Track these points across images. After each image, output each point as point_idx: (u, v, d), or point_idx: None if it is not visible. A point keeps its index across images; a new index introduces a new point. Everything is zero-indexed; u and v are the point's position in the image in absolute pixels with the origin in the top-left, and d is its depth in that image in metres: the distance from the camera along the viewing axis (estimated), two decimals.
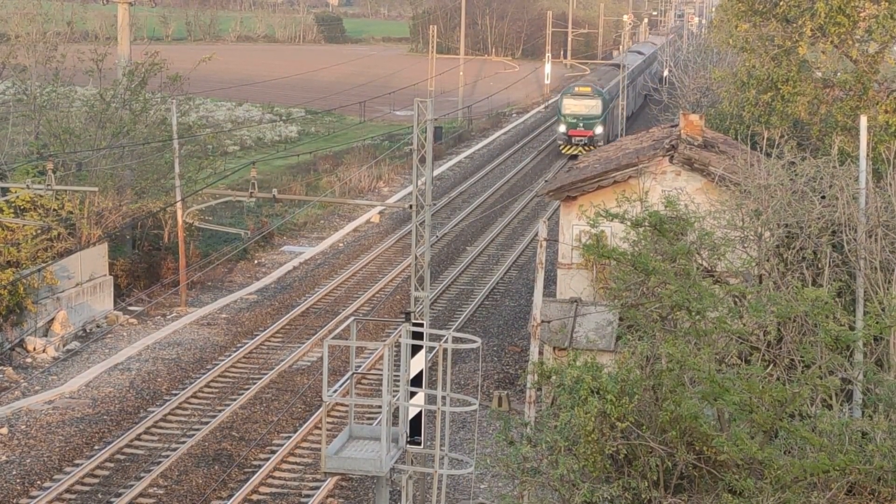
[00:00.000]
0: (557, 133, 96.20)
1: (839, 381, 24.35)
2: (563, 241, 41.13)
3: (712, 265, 30.72)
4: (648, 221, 30.11)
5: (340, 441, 24.19)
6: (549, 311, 37.93)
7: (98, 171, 55.00)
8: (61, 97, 61.42)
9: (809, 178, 32.83)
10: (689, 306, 25.82)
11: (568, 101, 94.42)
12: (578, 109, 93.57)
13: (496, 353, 45.98)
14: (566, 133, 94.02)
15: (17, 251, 46.90)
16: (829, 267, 30.58)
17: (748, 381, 22.81)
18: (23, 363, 44.12)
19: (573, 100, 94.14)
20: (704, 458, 22.75)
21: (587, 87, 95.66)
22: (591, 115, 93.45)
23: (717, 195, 36.56)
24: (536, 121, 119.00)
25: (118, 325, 48.92)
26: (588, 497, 22.37)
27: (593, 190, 40.48)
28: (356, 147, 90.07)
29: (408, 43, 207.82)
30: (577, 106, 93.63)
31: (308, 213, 69.83)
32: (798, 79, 47.01)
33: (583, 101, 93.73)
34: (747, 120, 48.85)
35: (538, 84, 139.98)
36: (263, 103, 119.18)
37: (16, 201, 48.02)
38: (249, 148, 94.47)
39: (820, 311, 24.94)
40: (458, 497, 33.44)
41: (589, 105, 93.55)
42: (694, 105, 73.57)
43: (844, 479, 22.12)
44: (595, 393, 22.63)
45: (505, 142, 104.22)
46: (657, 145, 43.24)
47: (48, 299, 46.46)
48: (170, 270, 54.11)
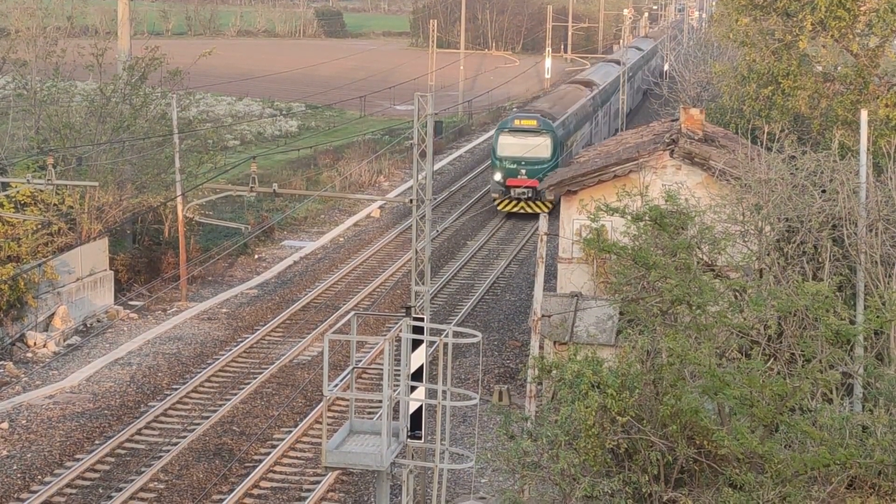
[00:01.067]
0: (492, 182, 70.64)
1: (840, 375, 24.37)
2: (564, 235, 41.12)
3: (713, 259, 30.72)
4: (649, 216, 30.10)
5: (341, 435, 24.20)
6: (550, 306, 37.93)
7: (98, 165, 54.98)
8: (61, 92, 61.37)
9: (810, 173, 32.82)
10: (689, 301, 25.82)
11: (505, 140, 69.97)
12: (519, 150, 68.99)
13: (496, 348, 45.97)
14: (502, 182, 69.23)
15: (17, 246, 46.91)
16: (829, 261, 30.57)
17: (749, 375, 22.81)
18: (23, 358, 44.12)
19: (512, 137, 69.80)
20: (705, 453, 22.76)
21: (531, 120, 70.60)
22: (536, 159, 68.69)
23: (717, 189, 36.55)
24: None
25: (118, 320, 48.91)
26: (589, 491, 22.39)
27: (594, 184, 40.49)
28: (356, 142, 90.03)
29: (408, 37, 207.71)
30: (518, 146, 69.22)
31: (308, 207, 69.82)
32: (798, 73, 46.99)
33: (526, 140, 69.14)
34: (748, 114, 48.83)
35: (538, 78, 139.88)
36: (264, 98, 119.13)
37: (16, 196, 48.02)
38: (250, 143, 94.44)
39: (820, 305, 24.94)
40: (459, 491, 33.44)
41: (534, 144, 68.79)
42: (694, 99, 73.58)
43: (845, 474, 22.13)
44: (595, 387, 22.65)
45: None
46: (657, 140, 43.23)
47: (48, 294, 46.46)
48: (170, 265, 54.11)
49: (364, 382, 42.45)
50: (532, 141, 68.79)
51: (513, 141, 69.22)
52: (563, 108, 76.38)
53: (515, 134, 69.58)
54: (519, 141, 68.97)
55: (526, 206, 68.93)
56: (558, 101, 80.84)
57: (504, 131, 70.17)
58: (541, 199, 67.93)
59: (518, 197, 68.89)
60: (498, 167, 69.07)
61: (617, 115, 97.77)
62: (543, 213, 38.92)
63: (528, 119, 70.73)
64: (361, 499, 33.37)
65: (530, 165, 68.29)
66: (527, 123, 70.09)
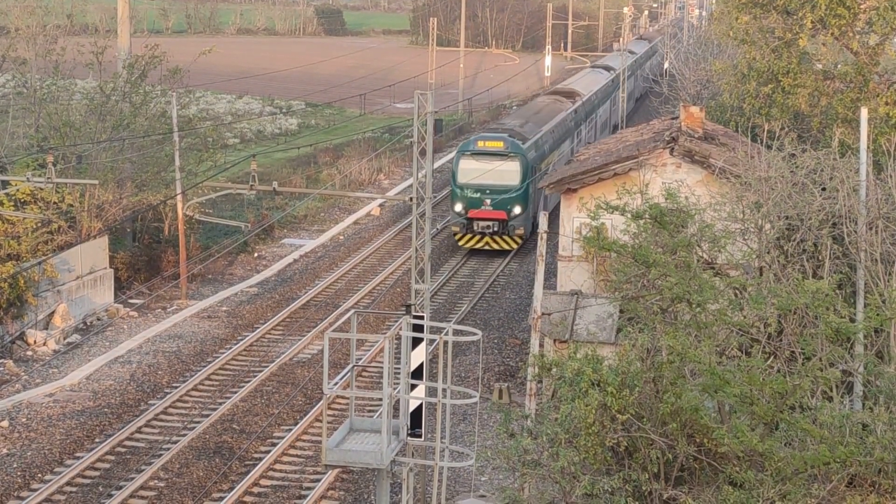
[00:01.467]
0: (451, 213, 60.44)
1: (840, 373, 24.38)
2: (564, 233, 41.12)
3: (713, 257, 30.72)
4: (649, 214, 30.11)
5: (341, 434, 24.20)
6: (550, 304, 37.93)
7: (98, 163, 54.98)
8: (61, 90, 61.36)
9: (810, 171, 32.83)
10: (689, 298, 25.82)
11: (467, 164, 59.28)
12: (482, 177, 58.61)
13: (497, 346, 45.97)
14: (464, 214, 58.77)
15: (17, 244, 46.90)
16: (829, 259, 30.58)
17: (749, 373, 22.81)
18: (23, 356, 44.12)
19: (475, 161, 59.10)
20: (705, 451, 22.76)
21: (497, 142, 59.73)
22: (503, 187, 58.48)
23: (717, 187, 36.55)
24: None
25: (119, 318, 48.91)
26: (589, 489, 22.39)
27: (594, 182, 40.49)
28: (356, 140, 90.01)
29: (408, 35, 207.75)
30: (482, 171, 58.69)
31: (308, 205, 69.82)
32: (798, 71, 46.99)
33: (491, 165, 58.60)
34: (748, 112, 48.83)
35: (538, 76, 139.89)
36: (263, 96, 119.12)
37: (16, 194, 48.02)
38: (249, 141, 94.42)
39: (820, 303, 24.94)
40: (459, 489, 33.44)
41: (500, 170, 58.88)
42: (694, 97, 73.60)
43: (845, 471, 22.13)
44: (596, 385, 22.65)
45: None
46: (658, 137, 43.23)
47: (48, 292, 46.45)
48: (170, 263, 54.10)
49: (364, 381, 42.45)
50: (498, 166, 58.43)
51: (476, 166, 58.52)
52: (538, 126, 66.53)
53: (479, 157, 58.65)
54: (483, 166, 58.20)
55: (492, 242, 58.77)
56: (532, 116, 70.57)
57: (465, 154, 59.14)
58: (509, 233, 58.74)
59: (482, 231, 58.27)
60: (458, 196, 58.71)
61: (605, 128, 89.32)
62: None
63: (494, 140, 59.79)
64: (361, 497, 33.37)
65: (496, 194, 57.99)
66: (492, 145, 59.27)
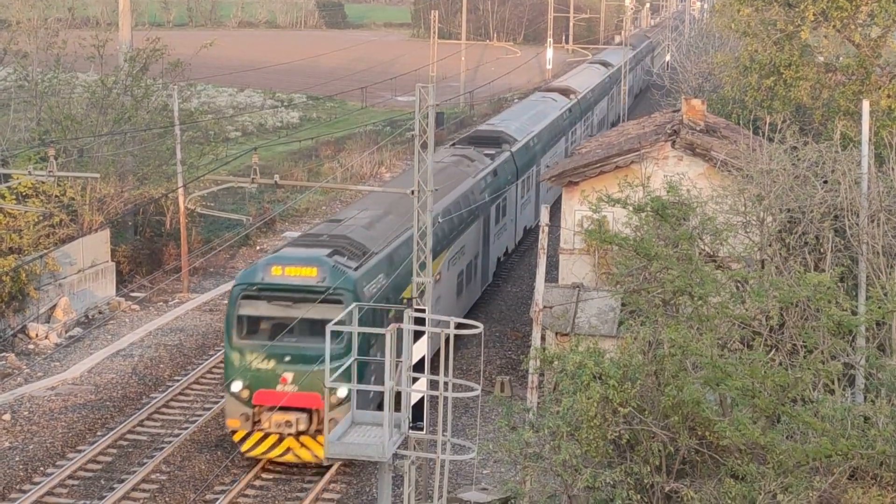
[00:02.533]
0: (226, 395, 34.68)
1: (841, 366, 24.38)
2: (565, 226, 41.12)
3: (714, 250, 30.71)
4: (650, 207, 30.09)
5: (343, 427, 24.21)
6: (552, 297, 37.93)
7: (100, 157, 54.99)
8: (63, 83, 61.38)
9: (812, 163, 32.81)
10: (691, 291, 25.82)
11: (252, 309, 34.73)
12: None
13: (498, 339, 45.97)
14: (246, 399, 34.08)
15: (19, 238, 46.91)
16: (831, 252, 30.57)
17: (750, 366, 22.82)
18: (25, 350, 44.13)
19: (266, 306, 34.65)
20: (707, 444, 22.77)
21: (309, 268, 34.31)
22: (313, 353, 33.03)
23: (719, 180, 36.53)
24: None
25: (120, 312, 48.92)
26: (590, 482, 22.40)
27: (595, 175, 40.44)
28: (358, 133, 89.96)
29: (409, 28, 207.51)
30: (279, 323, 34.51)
31: (310, 199, 69.79)
32: (800, 63, 46.97)
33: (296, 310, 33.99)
34: (749, 105, 48.81)
35: (540, 69, 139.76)
36: (265, 89, 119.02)
37: (18, 188, 48.02)
38: (251, 134, 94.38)
39: (822, 296, 24.93)
40: (461, 482, 33.45)
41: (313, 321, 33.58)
42: (696, 90, 73.48)
43: (847, 464, 22.14)
44: (597, 378, 22.65)
45: None
46: (659, 130, 43.21)
47: (50, 286, 46.46)
48: (172, 257, 54.11)
49: None
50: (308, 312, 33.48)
51: (268, 312, 34.29)
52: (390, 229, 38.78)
53: (274, 299, 34.06)
54: (281, 312, 34.03)
55: (297, 448, 33.80)
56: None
57: (249, 292, 34.32)
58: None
59: (278, 431, 33.59)
60: (234, 367, 34.17)
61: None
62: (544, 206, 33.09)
63: (302, 265, 34.12)
64: (363, 490, 33.38)
65: (304, 364, 33.53)
66: (297, 274, 33.91)
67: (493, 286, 53.59)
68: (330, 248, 35.06)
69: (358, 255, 35.47)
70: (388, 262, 36.56)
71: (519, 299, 51.49)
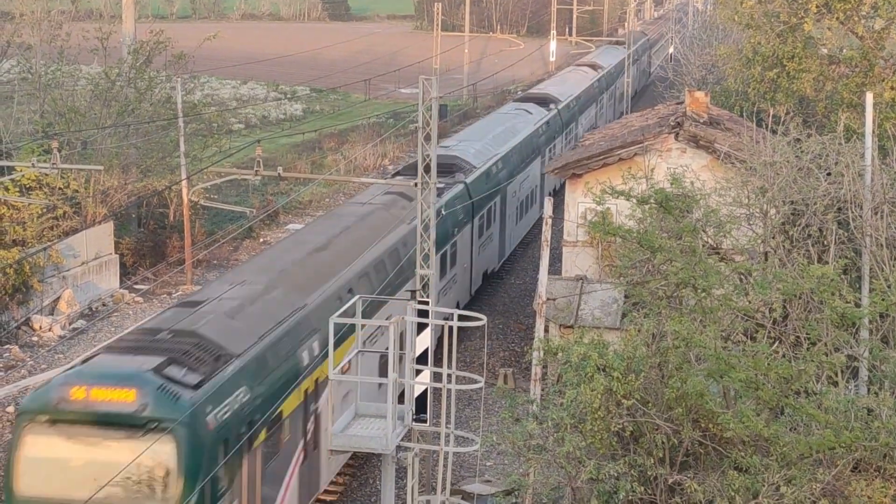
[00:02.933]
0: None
1: (845, 358, 24.36)
2: (569, 218, 41.12)
3: (718, 242, 30.70)
4: (654, 199, 30.08)
5: (346, 419, 24.23)
6: (555, 289, 37.94)
7: (103, 149, 55.02)
8: (66, 76, 61.37)
9: (815, 155, 32.79)
10: (694, 283, 25.82)
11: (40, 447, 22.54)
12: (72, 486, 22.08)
13: (502, 331, 45.99)
14: None
15: (22, 230, 46.96)
16: (834, 244, 30.55)
17: (754, 358, 22.81)
18: (29, 342, 44.18)
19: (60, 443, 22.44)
20: (710, 436, 22.78)
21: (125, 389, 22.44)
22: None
23: (722, 172, 36.51)
24: None
25: (124, 304, 48.96)
26: (594, 474, 22.41)
27: (598, 167, 40.43)
28: (361, 125, 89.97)
29: (412, 20, 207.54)
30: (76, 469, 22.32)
31: (313, 191, 69.81)
32: (804, 55, 46.93)
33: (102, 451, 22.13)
34: (753, 97, 48.77)
35: (543, 61, 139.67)
36: (268, 81, 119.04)
37: (21, 180, 48.05)
38: (254, 126, 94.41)
39: (826, 288, 24.93)
40: (464, 474, 33.49)
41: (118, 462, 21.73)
42: (699, 82, 73.43)
43: (850, 456, 22.14)
44: (601, 370, 22.66)
45: None
46: (663, 122, 43.19)
47: (54, 278, 46.51)
48: (175, 249, 54.13)
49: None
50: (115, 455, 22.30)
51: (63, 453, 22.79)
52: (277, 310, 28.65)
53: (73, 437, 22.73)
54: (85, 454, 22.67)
55: None
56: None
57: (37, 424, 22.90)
58: None
59: None
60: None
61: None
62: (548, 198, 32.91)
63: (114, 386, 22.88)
64: (367, 482, 33.41)
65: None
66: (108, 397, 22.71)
67: (498, 277, 53.44)
68: (162, 356, 23.85)
69: (205, 364, 24.40)
70: (257, 366, 25.75)
71: (522, 291, 51.50)
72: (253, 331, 26.53)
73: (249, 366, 25.32)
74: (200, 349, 24.73)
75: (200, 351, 24.67)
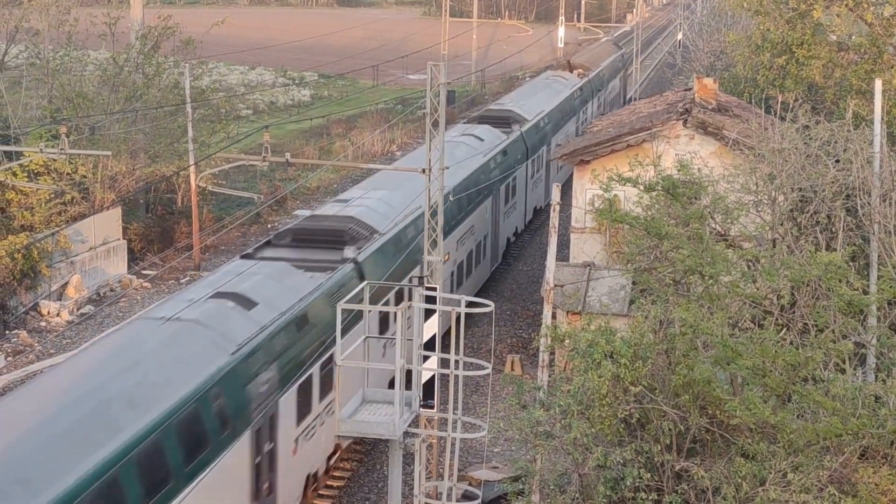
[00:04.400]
0: None
1: (852, 345, 24.33)
2: (576, 205, 41.09)
3: (726, 229, 30.67)
4: (662, 185, 30.05)
5: (354, 404, 24.25)
6: (563, 276, 37.93)
7: (111, 135, 55.03)
8: (74, 61, 61.39)
9: (824, 142, 32.73)
10: (702, 270, 25.79)
11: None
12: None
13: (509, 318, 45.99)
14: None
15: (30, 215, 47.01)
16: (842, 231, 30.51)
17: (761, 345, 22.79)
18: (37, 327, 44.24)
19: None
20: (717, 423, 22.76)
21: None
22: None
23: (730, 159, 36.47)
24: None
25: (132, 289, 49.01)
26: (601, 461, 22.41)
27: (606, 154, 40.39)
28: (369, 111, 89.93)
29: (421, 6, 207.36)
30: None
31: (321, 177, 69.79)
32: (813, 42, 46.84)
33: None
34: (761, 83, 48.70)
35: (552, 48, 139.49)
36: (276, 67, 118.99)
37: (29, 165, 48.11)
38: (262, 112, 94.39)
39: (833, 275, 24.90)
40: (471, 461, 33.51)
41: None
42: (708, 69, 73.31)
43: (857, 443, 22.13)
44: (608, 357, 22.64)
45: None
46: (671, 109, 43.14)
47: (62, 263, 46.56)
48: (183, 234, 54.18)
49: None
50: None
51: None
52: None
53: None
54: None
55: None
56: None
57: None
58: None
59: None
60: None
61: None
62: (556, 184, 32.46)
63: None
64: (374, 468, 33.45)
65: None
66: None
67: (505, 263, 53.36)
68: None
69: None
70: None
71: (530, 278, 51.50)
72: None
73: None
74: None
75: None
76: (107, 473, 20.22)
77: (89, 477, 19.85)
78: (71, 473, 19.63)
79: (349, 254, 33.23)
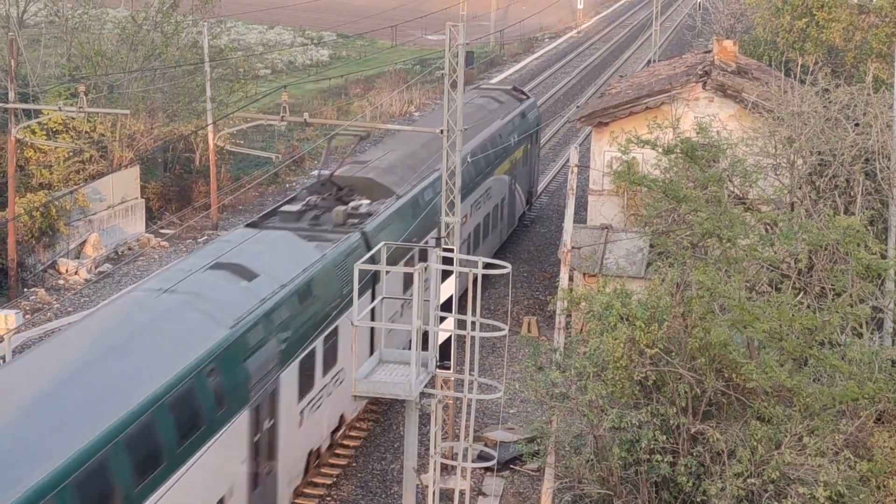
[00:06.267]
0: None
1: (869, 309, 24.31)
2: (595, 167, 41.02)
3: (744, 192, 30.61)
4: (680, 148, 29.98)
5: (370, 365, 24.30)
6: (580, 238, 37.91)
7: (130, 93, 55.08)
8: (93, 19, 61.42)
9: (843, 106, 32.62)
10: (719, 234, 25.76)
11: None
12: None
13: (526, 280, 45.99)
14: None
15: (49, 173, 47.08)
16: (861, 195, 30.43)
17: (778, 308, 22.77)
18: (55, 285, 44.37)
19: None
20: (733, 386, 22.77)
21: None
22: None
23: (749, 122, 36.36)
24: (569, 45, 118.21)
25: (150, 248, 49.11)
26: (616, 423, 22.45)
27: (625, 116, 40.31)
28: (387, 72, 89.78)
29: None
30: None
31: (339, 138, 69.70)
32: (833, 5, 46.63)
33: None
34: (781, 46, 48.50)
35: (571, 9, 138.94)
36: (295, 27, 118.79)
37: (48, 123, 48.15)
38: (280, 72, 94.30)
39: (851, 239, 24.84)
40: (487, 422, 33.59)
41: None
42: (728, 31, 72.99)
43: (873, 408, 22.13)
44: (624, 319, 22.64)
45: (537, 67, 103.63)
46: (690, 71, 42.99)
47: (80, 222, 46.66)
48: (201, 194, 54.24)
49: None
50: None
51: None
52: None
53: None
54: None
55: None
56: None
57: None
58: None
59: None
60: None
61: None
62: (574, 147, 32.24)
63: None
64: (390, 428, 33.56)
65: None
66: None
67: (523, 225, 53.30)
68: None
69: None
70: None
71: (547, 240, 51.46)
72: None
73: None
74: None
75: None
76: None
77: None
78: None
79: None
